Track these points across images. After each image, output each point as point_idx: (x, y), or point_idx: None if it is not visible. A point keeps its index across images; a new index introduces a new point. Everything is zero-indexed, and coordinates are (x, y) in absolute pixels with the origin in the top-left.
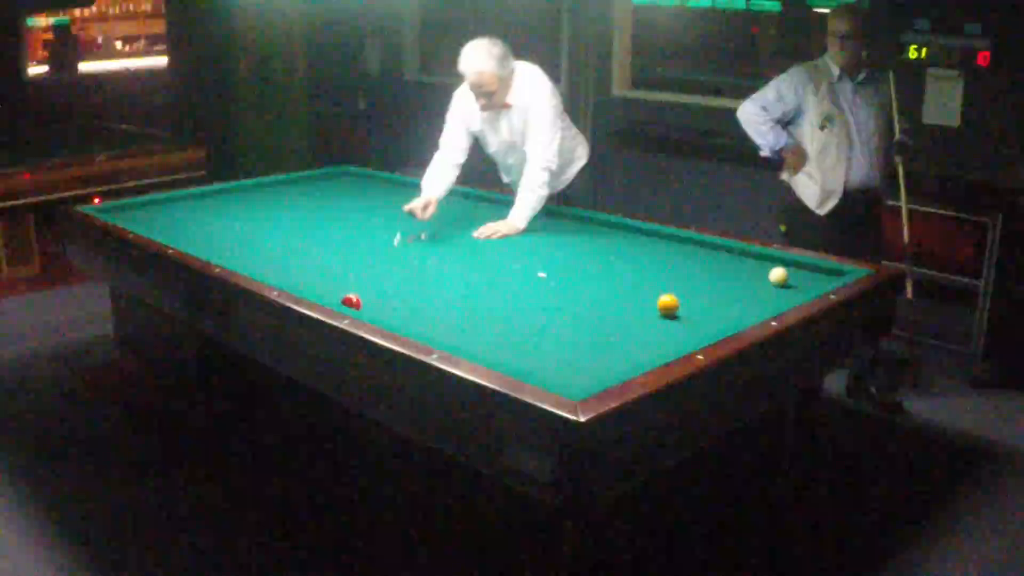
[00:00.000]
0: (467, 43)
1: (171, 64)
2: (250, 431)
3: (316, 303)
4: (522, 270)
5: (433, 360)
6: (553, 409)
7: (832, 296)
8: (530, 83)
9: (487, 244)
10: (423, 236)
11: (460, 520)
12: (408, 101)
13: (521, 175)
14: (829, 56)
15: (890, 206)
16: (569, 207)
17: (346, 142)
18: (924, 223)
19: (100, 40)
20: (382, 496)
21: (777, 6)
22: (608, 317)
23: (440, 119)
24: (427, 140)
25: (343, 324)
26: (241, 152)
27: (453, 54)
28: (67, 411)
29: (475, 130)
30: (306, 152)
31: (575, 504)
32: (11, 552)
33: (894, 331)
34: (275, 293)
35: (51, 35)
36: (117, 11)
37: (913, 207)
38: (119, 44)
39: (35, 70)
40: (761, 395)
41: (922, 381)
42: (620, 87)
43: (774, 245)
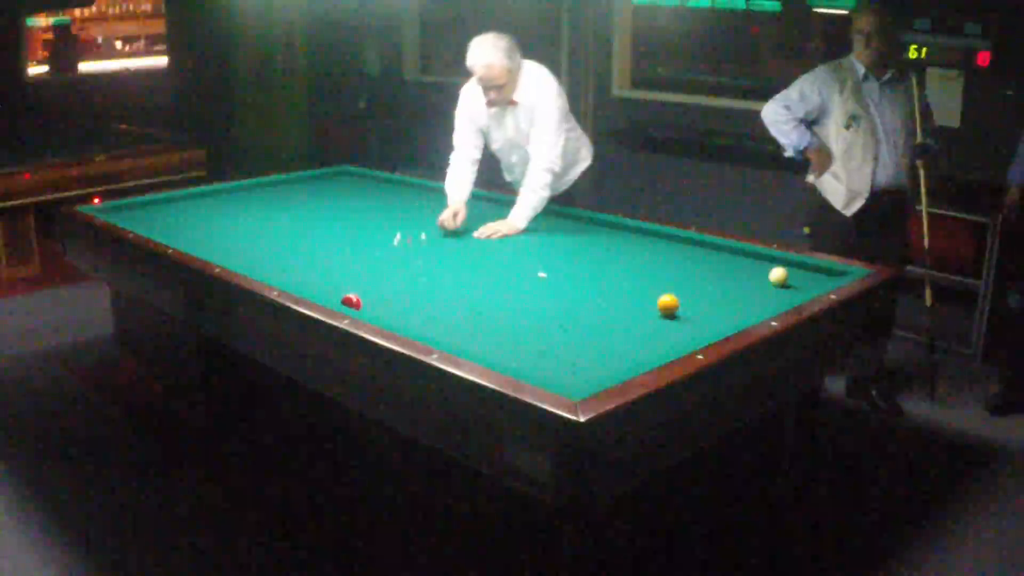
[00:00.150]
0: (472, 39)
1: (171, 64)
2: (250, 431)
3: (316, 303)
4: (522, 270)
5: (433, 360)
6: (553, 409)
7: (832, 296)
8: (536, 82)
9: (487, 244)
10: (423, 236)
11: (460, 520)
12: (408, 101)
13: (523, 174)
14: (854, 55)
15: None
16: (569, 207)
17: (346, 142)
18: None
19: (100, 40)
20: (382, 496)
21: (777, 6)
22: (608, 317)
23: (440, 119)
24: (427, 140)
25: (343, 324)
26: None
27: (453, 54)
28: (67, 411)
29: (481, 125)
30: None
31: (575, 504)
32: (11, 552)
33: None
34: (275, 293)
35: (51, 35)
36: (117, 11)
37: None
38: (119, 44)
39: (35, 70)
40: (761, 395)
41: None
42: (620, 87)
43: (774, 245)
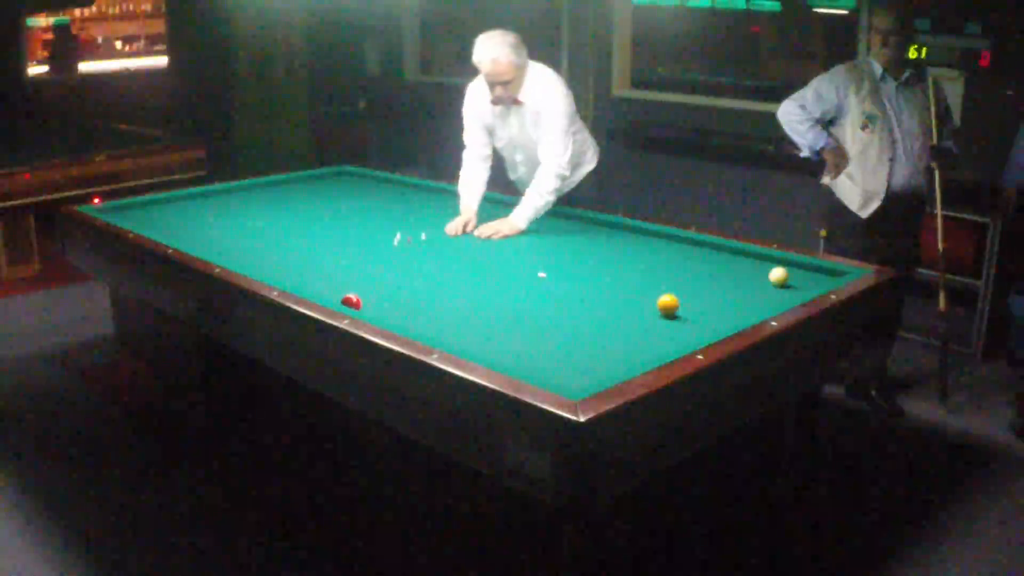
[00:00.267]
0: (479, 35)
1: (171, 64)
2: (250, 431)
3: (316, 303)
4: (522, 270)
5: (433, 360)
6: (553, 409)
7: (832, 296)
8: (543, 84)
9: (487, 244)
10: (423, 236)
11: (460, 520)
12: (408, 101)
13: (527, 174)
14: (872, 55)
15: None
16: (569, 207)
17: (346, 142)
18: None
19: (100, 40)
20: (382, 496)
21: (777, 6)
22: (608, 317)
23: (439, 119)
24: (427, 140)
25: (343, 324)
26: (241, 152)
27: (453, 54)
28: (67, 411)
29: (487, 123)
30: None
31: (575, 504)
32: (11, 552)
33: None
34: (275, 293)
35: (51, 35)
36: (117, 11)
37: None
38: (119, 44)
39: (35, 70)
40: (761, 395)
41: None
42: (620, 87)
43: (774, 245)
